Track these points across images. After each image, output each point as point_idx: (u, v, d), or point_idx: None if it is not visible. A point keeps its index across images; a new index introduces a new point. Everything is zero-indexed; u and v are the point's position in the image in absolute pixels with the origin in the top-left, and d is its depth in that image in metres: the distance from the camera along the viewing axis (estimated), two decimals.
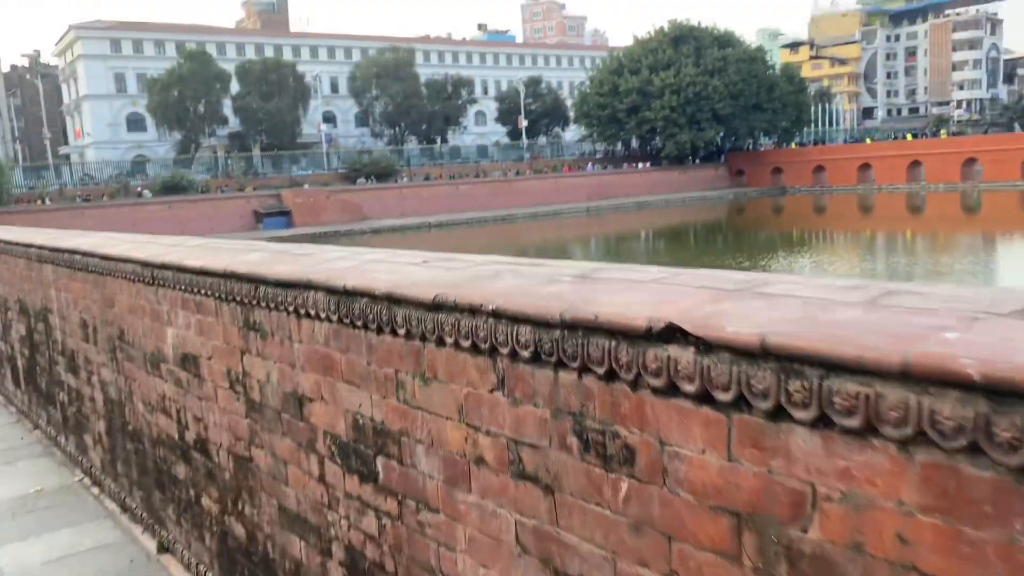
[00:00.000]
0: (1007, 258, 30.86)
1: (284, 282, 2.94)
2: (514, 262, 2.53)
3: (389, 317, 2.40)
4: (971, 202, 58.10)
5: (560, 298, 1.92)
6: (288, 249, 3.66)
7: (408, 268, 2.63)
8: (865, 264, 30.85)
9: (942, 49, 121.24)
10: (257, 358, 3.28)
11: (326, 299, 2.70)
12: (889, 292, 1.58)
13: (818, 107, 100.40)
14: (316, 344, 2.87)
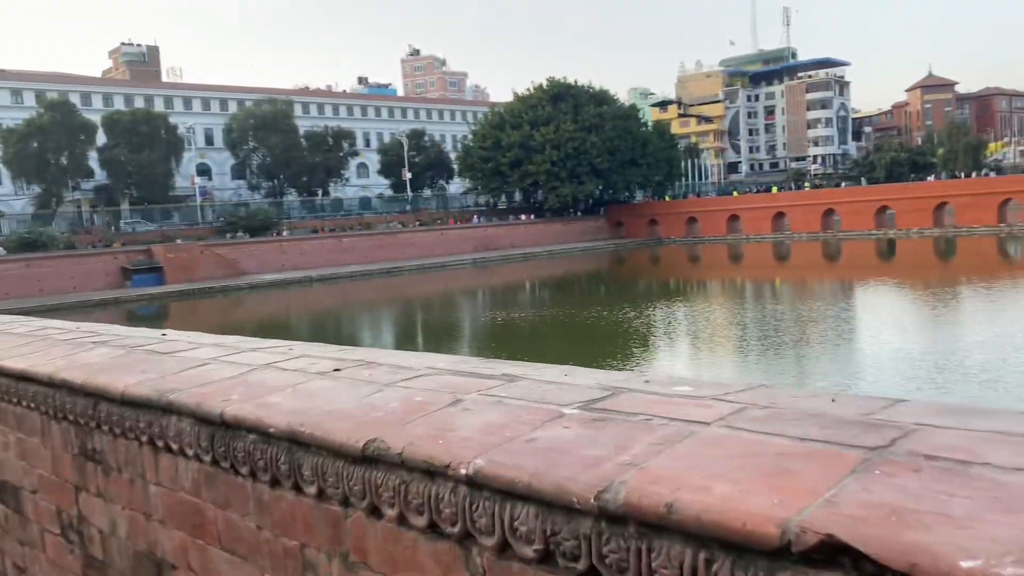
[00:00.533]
0: (861, 302, 32.60)
1: (134, 401, 2.09)
2: (473, 369, 1.82)
3: (291, 467, 1.61)
4: (831, 250, 61.60)
5: (586, 461, 1.23)
6: (147, 342, 2.81)
7: (316, 384, 1.86)
8: (735, 311, 31.73)
9: (797, 108, 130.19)
10: (98, 499, 2.38)
11: (195, 429, 1.88)
12: None
13: (688, 162, 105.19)
14: (181, 490, 2.02)
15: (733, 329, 26.60)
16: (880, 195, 72.20)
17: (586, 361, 22.68)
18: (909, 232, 66.40)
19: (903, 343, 22.11)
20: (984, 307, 28.54)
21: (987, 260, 47.40)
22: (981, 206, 64.45)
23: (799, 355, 21.50)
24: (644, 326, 27.63)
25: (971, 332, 22.91)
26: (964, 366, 18.20)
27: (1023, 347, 20.51)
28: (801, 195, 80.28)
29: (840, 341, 23.40)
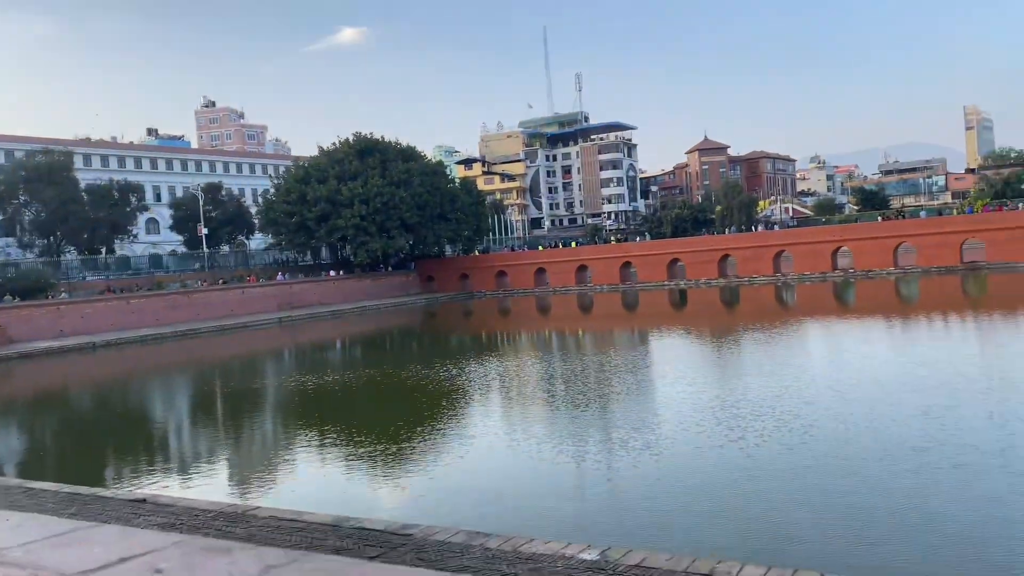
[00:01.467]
0: (660, 349, 34.54)
1: None
2: None
3: None
4: (630, 300, 65.10)
5: None
6: None
7: None
8: (544, 364, 32.40)
9: (591, 168, 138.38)
10: None
11: None
12: None
13: (494, 217, 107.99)
14: None
15: (542, 382, 26.96)
16: (672, 248, 77.78)
17: (402, 422, 21.94)
18: (698, 282, 71.84)
19: (703, 391, 23.34)
20: (767, 353, 30.99)
21: (766, 307, 52.00)
22: (759, 258, 71.14)
23: (602, 407, 22.05)
24: (457, 383, 27.36)
25: (765, 379, 24.64)
26: (769, 413, 19.45)
27: (808, 399, 22.24)
28: (601, 249, 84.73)
29: (641, 391, 24.37)
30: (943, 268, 62.75)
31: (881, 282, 60.78)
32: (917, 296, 51.09)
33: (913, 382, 21.25)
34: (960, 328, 34.89)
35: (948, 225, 67.34)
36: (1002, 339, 30.01)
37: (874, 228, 71.21)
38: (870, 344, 30.68)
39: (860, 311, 45.44)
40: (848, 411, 18.33)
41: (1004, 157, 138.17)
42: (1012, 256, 60.94)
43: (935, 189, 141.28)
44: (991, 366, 23.49)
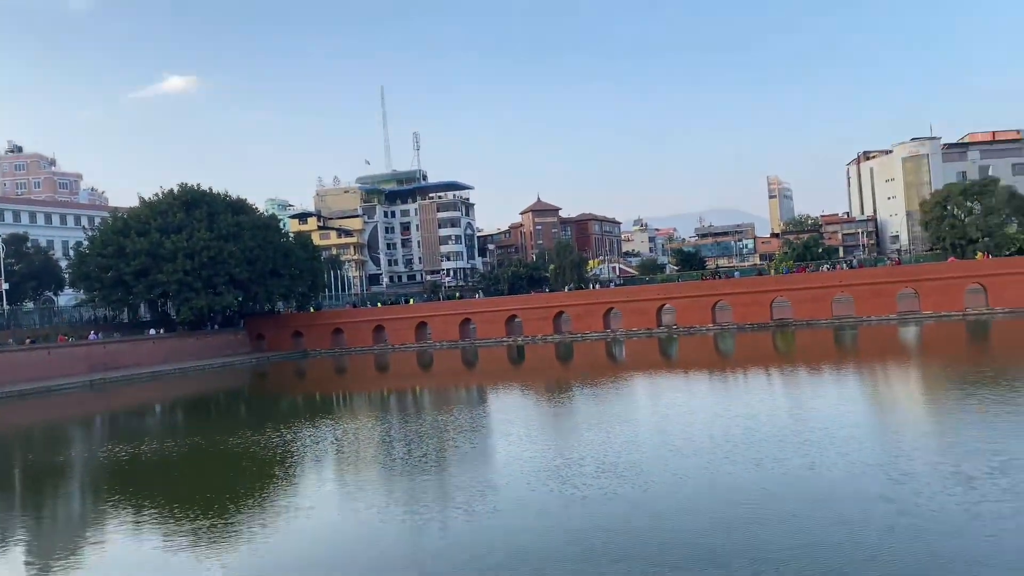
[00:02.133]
0: (499, 407, 34.86)
1: None
2: None
3: None
4: (469, 356, 65.33)
5: None
6: None
7: None
8: (381, 426, 31.71)
9: (430, 226, 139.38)
10: None
11: None
12: None
13: (331, 273, 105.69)
14: None
15: (380, 445, 26.25)
16: (509, 305, 79.17)
17: (229, 494, 20.52)
18: (535, 338, 73.41)
19: (544, 449, 23.59)
20: (603, 408, 31.95)
21: (599, 362, 53.83)
22: (591, 315, 73.85)
23: (442, 470, 21.76)
24: (290, 448, 26.09)
25: (602, 434, 25.26)
26: (614, 467, 19.88)
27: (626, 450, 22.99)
28: (441, 306, 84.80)
29: (482, 451, 24.31)
30: (756, 325, 67.83)
31: (701, 338, 64.71)
32: (733, 351, 54.71)
33: (741, 435, 22.51)
34: (775, 381, 37.57)
35: (759, 285, 73.18)
36: (814, 392, 32.58)
37: (694, 287, 76.03)
38: (698, 398, 32.35)
39: (684, 365, 47.99)
40: (685, 465, 19.12)
41: (802, 223, 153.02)
42: (814, 314, 66.97)
43: (745, 251, 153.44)
44: (808, 418, 25.36)
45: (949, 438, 20.60)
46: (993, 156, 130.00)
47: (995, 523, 13.42)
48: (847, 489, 16.04)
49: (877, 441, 20.90)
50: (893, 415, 26.15)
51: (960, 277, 65.97)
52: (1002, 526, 13.27)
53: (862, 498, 15.32)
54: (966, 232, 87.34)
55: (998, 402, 24.89)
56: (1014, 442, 19.18)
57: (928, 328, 57.74)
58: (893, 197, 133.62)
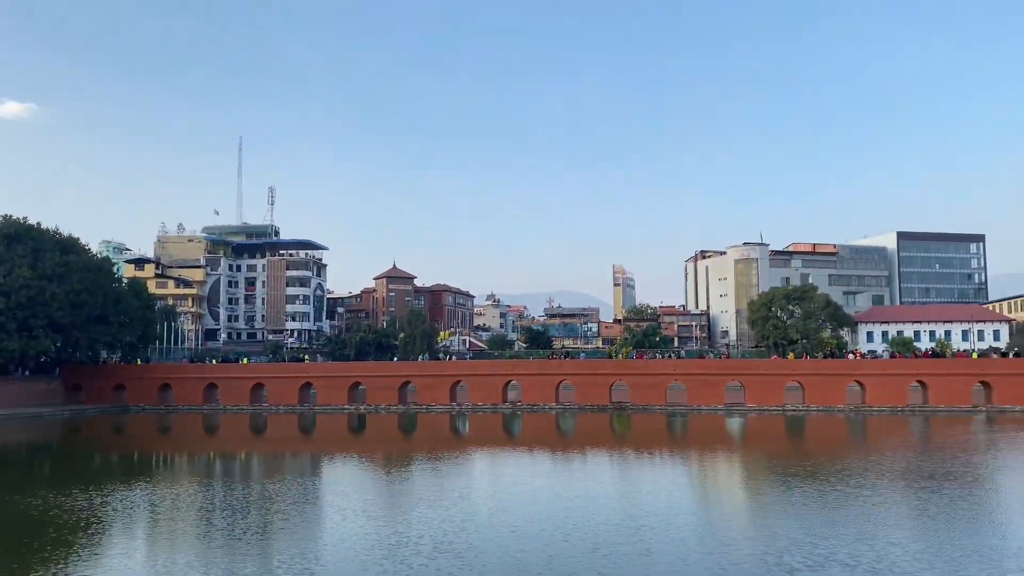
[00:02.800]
0: (332, 477, 33.63)
1: None
2: None
3: None
4: (307, 423, 62.73)
5: None
6: None
7: None
8: (203, 492, 29.71)
9: (278, 283, 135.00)
10: None
11: None
12: None
13: (164, 324, 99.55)
14: None
15: (198, 515, 24.48)
16: (354, 372, 77.24)
17: (18, 564, 18.32)
18: (379, 407, 71.77)
19: (377, 525, 22.87)
20: (443, 484, 31.50)
21: (442, 436, 53.22)
22: (438, 386, 73.29)
23: (267, 544, 20.59)
24: (98, 514, 23.87)
25: (440, 511, 24.82)
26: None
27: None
28: (281, 367, 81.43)
29: (309, 524, 23.26)
30: (596, 406, 69.71)
31: (544, 415, 65.62)
32: (574, 431, 55.78)
33: (580, 518, 22.72)
34: (613, 464, 38.50)
35: (600, 368, 75.54)
36: (649, 476, 33.60)
37: (540, 365, 77.41)
38: (539, 477, 32.50)
39: (527, 443, 48.28)
40: (524, 547, 19.03)
41: (642, 312, 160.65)
42: (650, 399, 69.75)
43: (590, 334, 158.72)
44: (644, 502, 26.02)
45: (773, 529, 21.71)
46: (813, 266, 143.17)
47: None
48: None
49: (708, 529, 21.73)
50: (722, 504, 27.37)
51: (781, 375, 71.07)
52: None
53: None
54: (787, 333, 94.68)
55: (815, 496, 26.64)
56: (831, 536, 20.45)
57: (751, 420, 61.43)
58: (725, 295, 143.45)
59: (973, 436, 47.84)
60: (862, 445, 45.54)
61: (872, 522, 21.82)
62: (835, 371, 70.91)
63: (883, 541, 19.38)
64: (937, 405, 66.37)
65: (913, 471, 32.29)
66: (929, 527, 21.45)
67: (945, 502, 25.14)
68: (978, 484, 29.65)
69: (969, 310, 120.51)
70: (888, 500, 26.02)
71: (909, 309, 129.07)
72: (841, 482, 28.98)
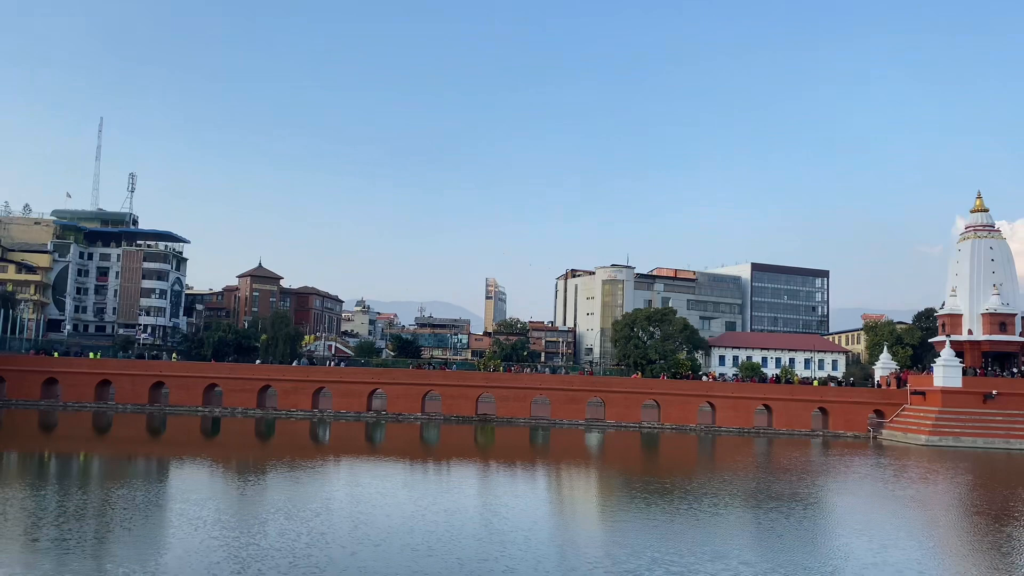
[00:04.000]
0: (177, 482, 32.13)
1: None
2: None
3: None
4: (156, 423, 59.54)
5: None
6: None
7: None
8: (32, 497, 27.72)
9: (133, 275, 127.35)
10: None
11: None
12: None
13: (1, 312, 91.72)
14: None
15: (26, 520, 22.83)
16: (211, 372, 73.89)
17: None
18: (235, 411, 68.99)
19: (228, 535, 22.12)
20: (299, 493, 30.70)
21: (301, 442, 51.83)
22: (299, 391, 71.32)
23: (99, 555, 19.46)
24: None
25: (295, 523, 24.22)
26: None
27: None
28: (131, 364, 76.42)
29: (151, 534, 22.21)
30: (461, 417, 69.91)
31: (409, 425, 65.20)
32: (438, 441, 55.70)
33: (442, 531, 22.73)
34: (476, 475, 38.71)
35: (468, 379, 75.87)
36: (510, 488, 34.00)
37: (407, 375, 76.89)
38: (403, 488, 32.19)
39: (390, 452, 47.78)
40: (388, 560, 18.84)
41: (512, 326, 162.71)
42: (515, 412, 70.72)
43: (460, 345, 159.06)
44: (507, 516, 26.29)
45: (634, 546, 22.46)
46: (673, 290, 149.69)
47: None
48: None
49: (571, 546, 22.28)
50: (584, 520, 28.10)
51: (640, 392, 73.87)
52: None
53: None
54: (647, 353, 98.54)
55: (672, 514, 27.84)
56: (688, 554, 21.43)
57: (610, 435, 63.47)
58: (591, 313, 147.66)
59: (813, 459, 51.38)
60: (714, 464, 47.98)
61: (726, 541, 23.01)
62: (689, 391, 74.40)
63: (736, 560, 20.43)
64: (780, 428, 70.89)
65: (763, 492, 34.30)
66: (777, 546, 22.76)
67: (792, 522, 26.89)
68: (820, 505, 31.94)
69: (812, 340, 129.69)
70: (740, 519, 27.58)
71: (758, 336, 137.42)
72: (697, 501, 30.49)
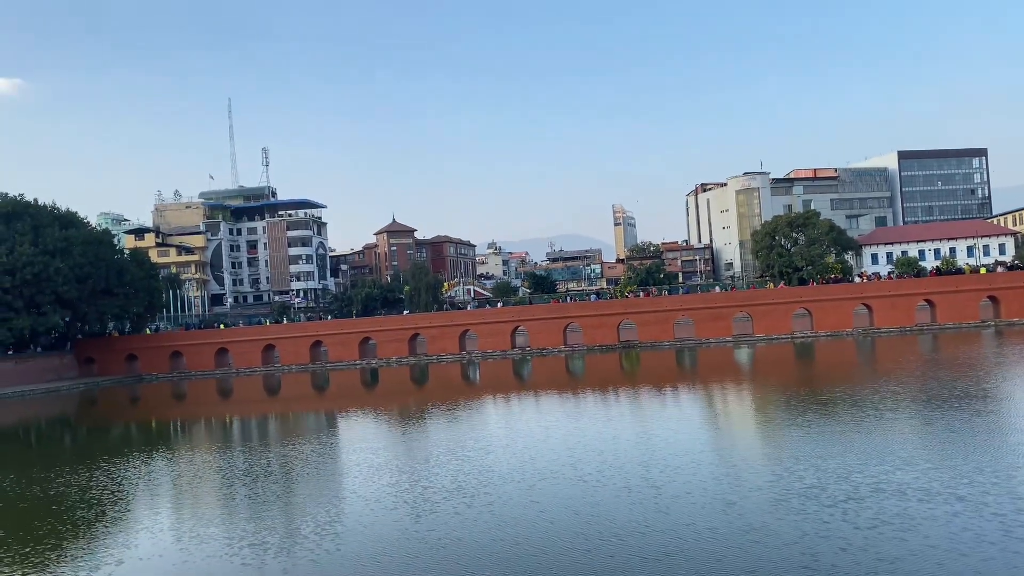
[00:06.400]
0: (348, 433, 33.98)
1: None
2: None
3: None
4: (320, 380, 63.33)
5: None
6: None
7: None
8: (222, 458, 30.11)
9: (279, 244, 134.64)
10: None
11: None
12: None
13: (169, 292, 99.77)
14: None
15: (220, 481, 24.80)
16: (363, 328, 77.62)
17: (43, 546, 18.60)
18: (389, 361, 72.32)
19: (397, 478, 23.19)
20: (466, 433, 31.80)
21: (454, 384, 53.68)
22: (446, 336, 73.70)
23: (288, 508, 20.87)
24: (117, 486, 24.26)
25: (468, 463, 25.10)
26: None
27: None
28: (290, 328, 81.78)
29: (332, 485, 23.58)
30: (604, 346, 70.10)
31: (553, 359, 66.08)
32: (584, 372, 56.17)
33: (602, 458, 23.01)
34: (627, 402, 38.82)
35: (606, 308, 75.75)
36: (664, 414, 33.90)
37: (546, 310, 77.65)
38: (564, 419, 32.73)
39: (536, 387, 48.58)
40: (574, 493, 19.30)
41: (644, 250, 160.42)
42: (657, 336, 70.09)
43: (593, 276, 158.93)
44: (680, 439, 26.29)
45: (827, 463, 21.94)
46: (814, 191, 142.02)
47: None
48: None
49: (747, 463, 22.00)
50: (748, 437, 27.64)
51: (788, 303, 71.21)
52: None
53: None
54: (792, 261, 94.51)
55: (840, 420, 26.89)
56: (849, 455, 20.68)
57: (761, 350, 61.77)
58: (727, 227, 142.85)
59: (987, 351, 47.94)
60: (880, 367, 45.70)
61: (910, 447, 21.90)
62: (841, 295, 71.01)
63: (926, 464, 19.45)
64: (945, 323, 66.61)
65: (942, 392, 32.42)
66: (965, 451, 21.49)
67: (980, 422, 25.36)
68: (1009, 401, 29.89)
69: (973, 225, 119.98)
70: (920, 422, 26.23)
71: (913, 229, 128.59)
72: (873, 407, 29.22)
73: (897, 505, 15.95)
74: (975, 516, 14.97)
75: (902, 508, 15.74)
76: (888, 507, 15.87)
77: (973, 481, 17.47)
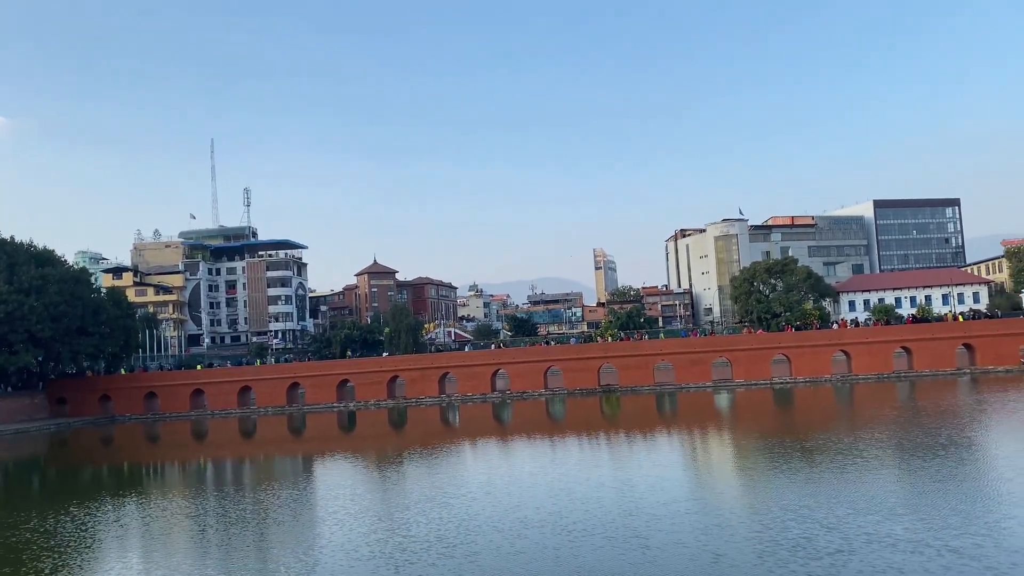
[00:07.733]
0: (320, 479, 33.27)
1: None
2: None
3: None
4: (296, 423, 62.32)
5: None
6: None
7: None
8: (193, 503, 29.33)
9: (258, 285, 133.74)
10: None
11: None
12: None
13: (146, 332, 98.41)
14: None
15: (192, 525, 24.11)
16: (341, 369, 76.78)
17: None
18: (368, 403, 71.40)
19: (373, 527, 22.66)
20: (443, 479, 31.24)
21: (433, 429, 52.97)
22: (426, 379, 73.01)
23: (261, 554, 20.29)
24: (82, 533, 23.49)
25: (439, 511, 24.63)
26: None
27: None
28: (267, 369, 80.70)
29: (304, 531, 23.01)
30: (584, 390, 69.75)
31: (533, 402, 65.56)
32: (564, 416, 55.67)
33: (585, 506, 22.60)
34: (609, 448, 38.43)
35: (587, 352, 75.56)
36: (647, 460, 33.55)
37: (526, 353, 77.33)
38: (542, 468, 32.26)
39: (517, 431, 47.99)
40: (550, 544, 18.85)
41: (625, 294, 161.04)
42: (638, 380, 69.89)
43: (574, 319, 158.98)
44: (666, 486, 25.94)
45: (814, 513, 21.68)
46: (792, 239, 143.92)
47: None
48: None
49: (734, 513, 21.68)
50: (732, 485, 27.35)
51: (767, 348, 71.41)
52: None
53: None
54: (770, 307, 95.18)
55: (826, 467, 26.68)
56: (835, 506, 20.46)
57: (740, 395, 61.67)
58: (706, 272, 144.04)
59: (963, 399, 48.19)
60: (859, 414, 45.72)
61: (896, 496, 21.76)
62: (820, 341, 71.38)
63: (914, 517, 19.31)
64: (922, 370, 67.04)
65: (922, 440, 32.40)
66: (946, 500, 21.38)
67: (963, 471, 25.27)
68: (985, 449, 29.88)
69: (948, 274, 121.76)
70: (902, 472, 26.11)
71: (889, 276, 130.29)
72: (857, 455, 29.10)
73: (887, 558, 15.71)
74: (969, 569, 14.76)
75: (893, 560, 15.50)
76: (879, 559, 15.63)
77: (964, 532, 17.29)
